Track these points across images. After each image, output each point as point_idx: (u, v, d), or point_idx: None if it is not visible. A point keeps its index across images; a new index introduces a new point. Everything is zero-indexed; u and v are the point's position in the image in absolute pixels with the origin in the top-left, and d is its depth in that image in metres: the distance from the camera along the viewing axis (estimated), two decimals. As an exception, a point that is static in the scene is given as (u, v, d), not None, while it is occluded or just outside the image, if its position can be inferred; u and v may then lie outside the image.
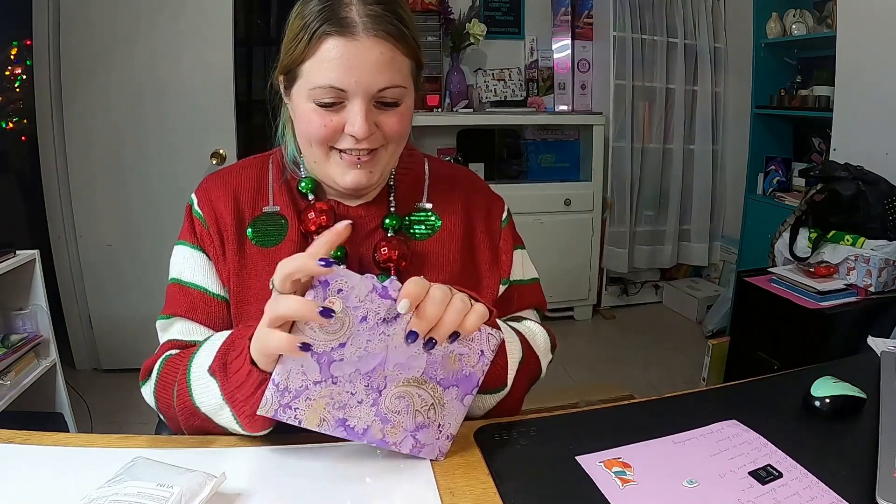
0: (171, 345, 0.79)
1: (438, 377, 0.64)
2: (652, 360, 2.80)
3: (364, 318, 0.59)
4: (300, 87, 0.73)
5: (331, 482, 0.63)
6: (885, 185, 1.88)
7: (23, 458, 0.66)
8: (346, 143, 0.73)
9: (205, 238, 0.80)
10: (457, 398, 0.66)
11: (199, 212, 0.81)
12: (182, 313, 0.79)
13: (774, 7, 2.80)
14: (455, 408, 0.66)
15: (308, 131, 0.74)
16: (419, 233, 0.84)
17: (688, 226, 3.40)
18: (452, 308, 0.61)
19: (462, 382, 0.65)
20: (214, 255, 0.80)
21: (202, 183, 0.84)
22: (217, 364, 0.66)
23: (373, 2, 0.70)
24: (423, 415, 0.65)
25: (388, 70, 0.70)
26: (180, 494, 0.55)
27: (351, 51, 0.69)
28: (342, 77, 0.69)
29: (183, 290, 0.80)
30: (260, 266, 0.79)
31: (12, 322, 1.83)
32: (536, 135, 3.24)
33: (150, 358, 0.79)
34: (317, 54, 0.70)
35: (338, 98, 0.71)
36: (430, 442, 0.66)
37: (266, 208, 0.82)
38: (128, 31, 2.30)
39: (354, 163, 0.75)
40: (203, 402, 0.68)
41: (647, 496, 0.60)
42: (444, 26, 3.02)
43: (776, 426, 0.71)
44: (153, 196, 2.41)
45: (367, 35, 0.69)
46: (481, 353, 0.65)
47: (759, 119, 2.94)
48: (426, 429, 0.66)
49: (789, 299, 1.84)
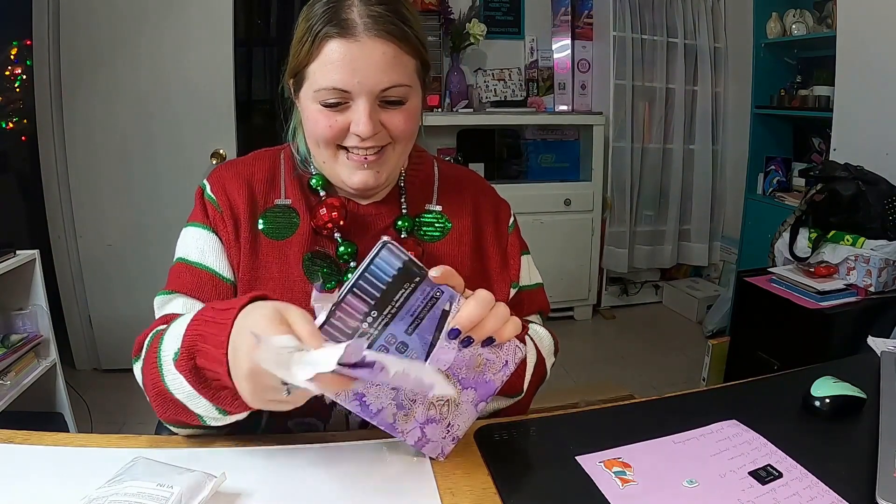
0: (167, 319, 0.71)
1: (461, 376, 0.64)
2: (652, 360, 2.80)
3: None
4: (307, 90, 0.74)
5: (331, 482, 0.63)
6: (885, 185, 1.88)
7: (23, 458, 0.66)
8: (352, 141, 0.74)
9: (217, 221, 0.79)
10: (472, 402, 0.66)
11: (213, 196, 0.80)
12: (185, 291, 0.76)
13: (774, 7, 2.80)
14: (468, 411, 0.66)
15: (315, 132, 0.75)
16: (430, 234, 0.84)
17: (688, 226, 3.40)
18: (495, 314, 0.61)
19: (481, 387, 0.65)
20: (227, 239, 0.79)
21: (214, 171, 0.84)
22: (185, 364, 0.60)
23: (374, 2, 0.70)
24: (436, 409, 0.65)
25: (390, 69, 0.71)
26: (180, 494, 0.55)
27: (353, 52, 0.69)
28: (345, 78, 0.70)
29: (190, 269, 0.77)
30: (271, 258, 0.79)
31: (12, 322, 1.83)
32: (536, 135, 3.24)
33: (143, 332, 0.74)
34: (320, 57, 0.71)
35: (342, 98, 0.71)
36: (436, 439, 0.66)
37: (278, 201, 0.82)
38: (128, 31, 2.30)
39: (361, 162, 0.75)
40: (176, 391, 0.63)
41: (647, 496, 0.60)
42: (444, 26, 3.02)
43: (776, 426, 0.71)
44: (153, 196, 2.40)
45: (369, 35, 0.69)
46: (505, 363, 0.65)
47: (759, 119, 2.94)
48: (435, 424, 0.65)
49: (789, 299, 1.84)
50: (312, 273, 0.78)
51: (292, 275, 0.78)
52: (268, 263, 0.79)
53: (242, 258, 0.78)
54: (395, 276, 0.56)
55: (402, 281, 0.56)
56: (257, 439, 0.70)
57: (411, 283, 0.57)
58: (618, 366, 2.75)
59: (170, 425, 0.70)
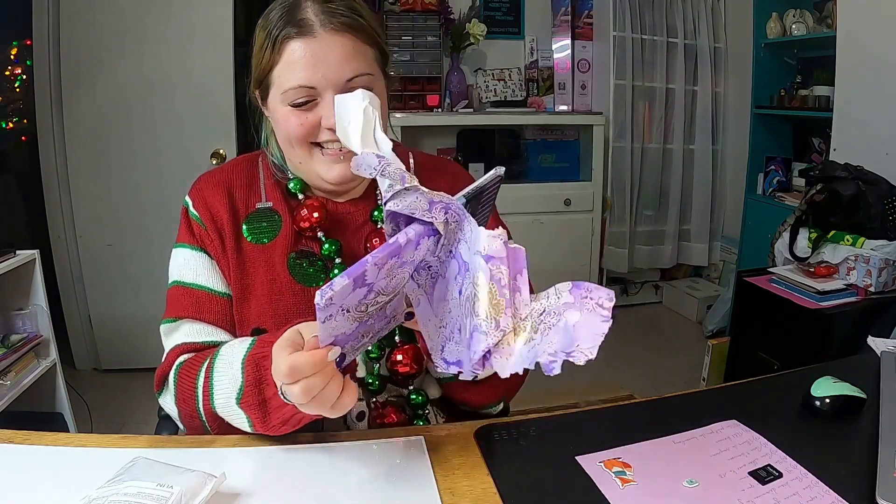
0: (181, 349, 0.78)
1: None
2: (652, 360, 2.80)
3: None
4: (274, 95, 0.76)
5: (331, 482, 0.63)
6: (885, 185, 1.88)
7: (23, 458, 0.66)
8: (325, 136, 0.75)
9: (204, 238, 0.81)
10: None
11: (196, 213, 0.82)
12: (188, 315, 0.79)
13: (774, 7, 2.80)
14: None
15: (287, 132, 0.76)
16: None
17: (688, 226, 3.40)
18: None
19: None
20: (216, 254, 0.81)
21: (195, 184, 0.85)
22: (252, 401, 0.67)
23: (327, 0, 0.73)
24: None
25: (351, 60, 0.73)
26: (180, 494, 0.55)
27: (314, 48, 0.72)
28: (309, 75, 0.72)
29: (187, 291, 0.80)
30: (257, 263, 0.80)
31: (12, 322, 1.83)
32: (536, 135, 3.24)
33: (162, 366, 0.79)
34: (282, 59, 0.73)
35: (310, 96, 0.73)
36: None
37: (259, 204, 0.83)
38: (128, 31, 2.30)
39: (336, 156, 0.76)
40: (234, 421, 0.70)
41: (647, 496, 0.60)
42: (444, 26, 3.02)
43: (776, 426, 0.71)
44: (153, 196, 2.40)
45: (326, 30, 0.72)
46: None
47: (759, 119, 2.94)
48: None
49: (789, 299, 1.84)
50: (298, 272, 0.80)
51: (279, 276, 0.79)
52: (255, 268, 0.80)
53: (231, 267, 0.80)
54: None
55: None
56: (257, 439, 0.70)
57: None
58: (618, 366, 2.75)
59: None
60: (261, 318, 0.78)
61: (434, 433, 0.73)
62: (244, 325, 0.79)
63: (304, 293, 0.79)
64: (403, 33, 2.94)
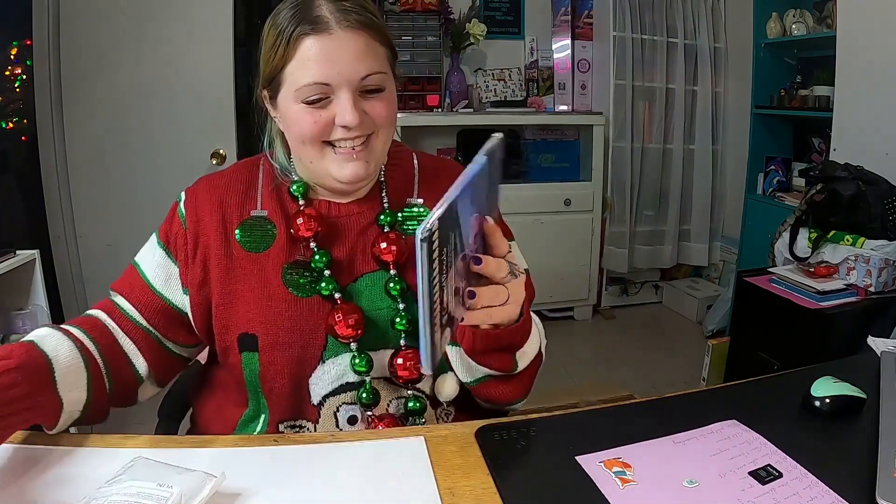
0: (110, 307, 0.83)
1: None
2: (652, 360, 2.80)
3: None
4: (286, 92, 0.75)
5: (331, 482, 0.63)
6: (885, 185, 1.88)
7: (23, 458, 0.66)
8: (338, 133, 0.75)
9: (178, 239, 0.82)
10: None
11: (183, 211, 0.83)
12: (123, 292, 0.84)
13: (774, 7, 2.80)
14: None
15: (300, 131, 0.75)
16: (413, 228, 0.85)
17: (688, 226, 3.40)
18: (515, 288, 0.65)
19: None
20: (183, 259, 0.82)
21: (194, 184, 0.86)
22: None
23: None
24: None
25: (366, 58, 0.73)
26: (180, 494, 0.55)
27: (329, 45, 0.72)
28: (325, 71, 0.72)
29: (141, 284, 0.84)
30: (248, 270, 0.80)
31: (12, 322, 1.83)
32: (536, 135, 3.24)
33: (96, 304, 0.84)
34: (297, 56, 0.73)
35: (324, 93, 0.73)
36: None
37: (254, 212, 0.82)
38: (128, 31, 2.30)
39: (350, 155, 0.76)
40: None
41: (647, 496, 0.60)
42: (444, 26, 3.02)
43: (776, 426, 0.71)
44: (153, 196, 2.39)
45: (341, 28, 0.72)
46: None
47: (759, 119, 2.94)
48: None
49: (789, 299, 1.84)
50: (292, 283, 0.79)
51: (271, 284, 0.79)
52: (246, 276, 0.80)
53: (215, 273, 0.80)
54: None
55: None
56: (257, 439, 0.70)
57: None
58: (618, 366, 2.75)
59: None
60: (249, 323, 0.78)
61: (434, 433, 0.73)
62: (229, 330, 0.79)
63: (297, 303, 0.79)
64: (403, 33, 2.94)
